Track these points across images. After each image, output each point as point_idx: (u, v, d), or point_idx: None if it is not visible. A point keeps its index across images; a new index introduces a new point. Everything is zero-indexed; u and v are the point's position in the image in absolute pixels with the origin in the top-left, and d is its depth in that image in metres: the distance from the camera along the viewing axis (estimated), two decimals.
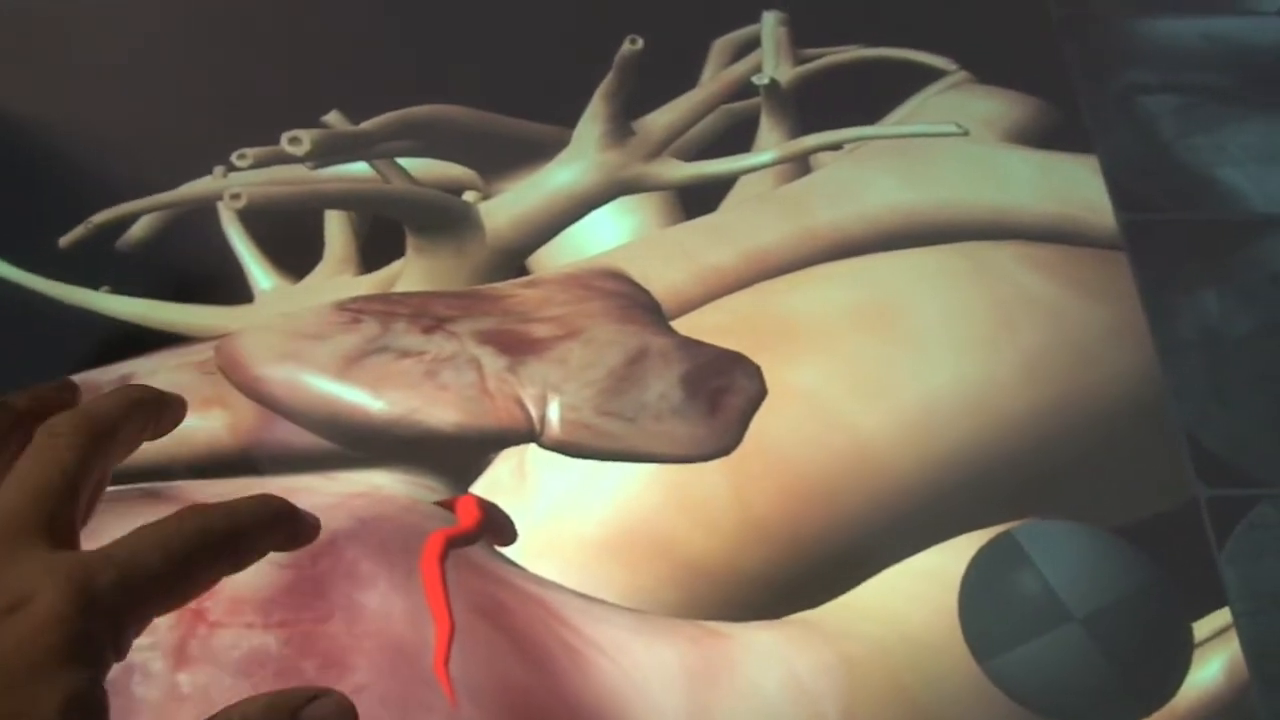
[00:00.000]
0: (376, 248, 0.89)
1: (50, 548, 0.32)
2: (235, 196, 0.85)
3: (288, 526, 0.37)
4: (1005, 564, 0.71)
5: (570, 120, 0.94)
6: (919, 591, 0.72)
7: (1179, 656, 0.69)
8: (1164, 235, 0.88)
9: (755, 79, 0.96)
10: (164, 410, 0.39)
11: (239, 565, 0.35)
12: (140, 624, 0.32)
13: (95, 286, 0.87)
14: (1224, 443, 0.77)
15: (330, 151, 0.90)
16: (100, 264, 0.88)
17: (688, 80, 0.99)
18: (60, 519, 0.33)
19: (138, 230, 0.91)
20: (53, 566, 0.31)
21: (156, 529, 0.33)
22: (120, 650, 0.32)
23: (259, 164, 0.88)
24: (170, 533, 0.33)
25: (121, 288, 0.86)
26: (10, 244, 0.88)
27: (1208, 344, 0.82)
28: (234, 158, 0.89)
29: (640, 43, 0.91)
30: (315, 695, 0.37)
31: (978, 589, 0.71)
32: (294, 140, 0.86)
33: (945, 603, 0.71)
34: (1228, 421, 0.78)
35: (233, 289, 0.87)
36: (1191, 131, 0.95)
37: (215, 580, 0.34)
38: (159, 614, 0.33)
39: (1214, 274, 0.86)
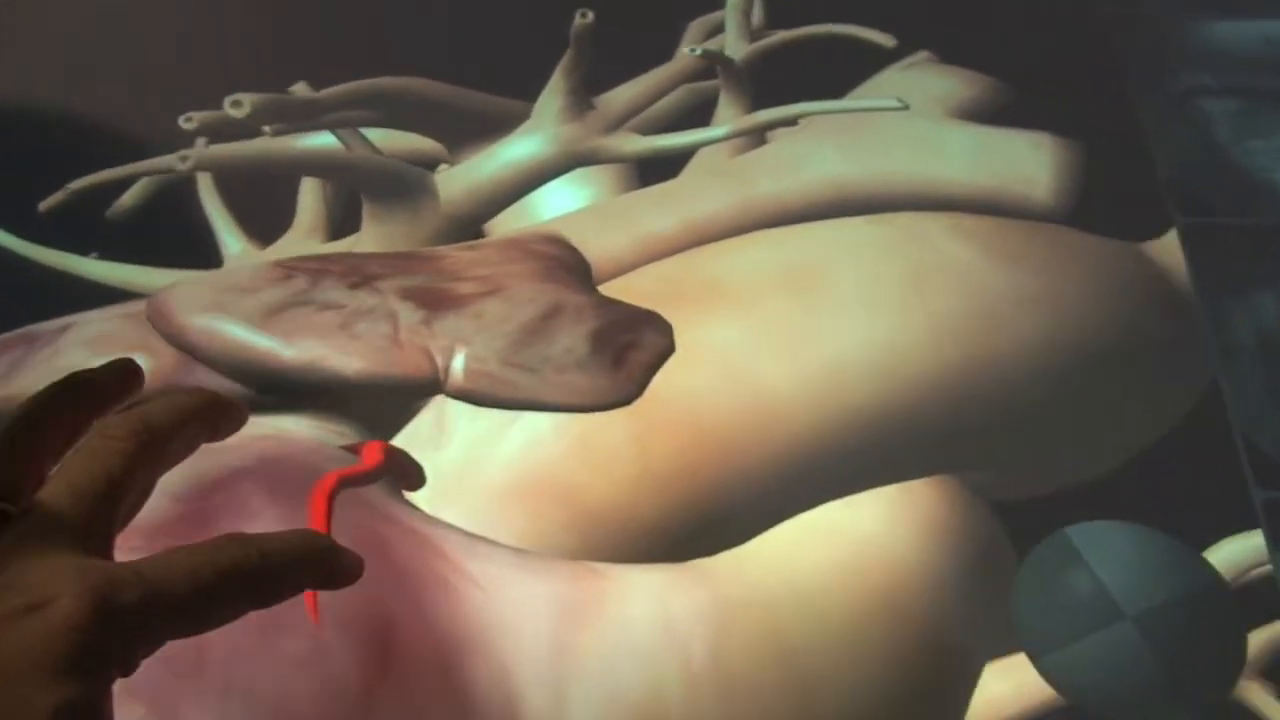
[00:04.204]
0: (356, 218, 0.92)
1: (82, 551, 0.32)
2: (184, 158, 0.89)
3: (325, 567, 0.36)
4: (1058, 562, 0.72)
5: (537, 96, 0.97)
6: (816, 544, 0.73)
7: (1232, 656, 0.69)
8: (1222, 239, 0.88)
9: (688, 49, 0.98)
10: (222, 416, 0.38)
11: (266, 603, 0.34)
12: (153, 646, 0.32)
13: (84, 253, 0.91)
14: None
15: (274, 116, 0.93)
16: (93, 231, 0.93)
17: (666, 60, 1.01)
18: (97, 524, 0.33)
19: (128, 198, 0.95)
20: (80, 572, 0.31)
21: (191, 554, 0.33)
22: (128, 668, 0.32)
23: (204, 127, 0.91)
24: (203, 561, 0.33)
25: (110, 254, 0.91)
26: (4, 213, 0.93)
27: (1264, 347, 0.82)
28: (181, 121, 0.91)
29: (590, 16, 0.93)
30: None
31: (1031, 586, 0.71)
32: (235, 103, 0.89)
33: (840, 557, 0.72)
34: None
35: (211, 254, 0.91)
36: (1249, 135, 0.94)
37: (239, 615, 0.34)
38: (173, 639, 0.33)
39: (1271, 277, 0.86)
